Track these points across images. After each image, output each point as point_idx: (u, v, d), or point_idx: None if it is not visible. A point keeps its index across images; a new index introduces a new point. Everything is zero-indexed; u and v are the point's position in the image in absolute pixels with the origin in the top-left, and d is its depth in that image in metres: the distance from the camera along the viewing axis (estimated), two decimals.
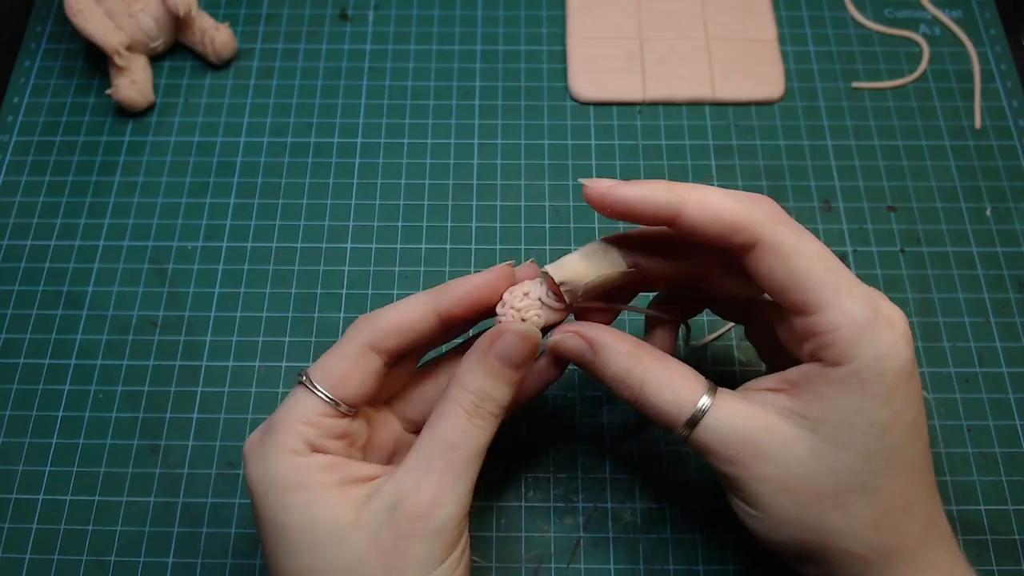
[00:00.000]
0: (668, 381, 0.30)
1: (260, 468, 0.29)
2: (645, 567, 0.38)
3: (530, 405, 0.36)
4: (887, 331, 0.27)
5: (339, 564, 0.28)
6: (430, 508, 0.28)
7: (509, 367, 0.30)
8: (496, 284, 0.32)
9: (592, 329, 0.31)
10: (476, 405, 0.30)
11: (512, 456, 0.41)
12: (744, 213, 0.28)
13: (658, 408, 0.30)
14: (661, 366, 0.30)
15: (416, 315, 0.31)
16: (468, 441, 0.29)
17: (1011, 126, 0.50)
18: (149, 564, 0.38)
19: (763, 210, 0.29)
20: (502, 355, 0.30)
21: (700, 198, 0.29)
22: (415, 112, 0.50)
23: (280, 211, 0.47)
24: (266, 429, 0.30)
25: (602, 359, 0.31)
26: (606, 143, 0.49)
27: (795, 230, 0.28)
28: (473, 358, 0.30)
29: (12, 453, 0.41)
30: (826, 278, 0.28)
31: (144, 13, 0.49)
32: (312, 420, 0.30)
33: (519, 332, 0.30)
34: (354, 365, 0.30)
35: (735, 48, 0.52)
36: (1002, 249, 0.46)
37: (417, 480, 0.28)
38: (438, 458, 0.29)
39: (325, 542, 0.28)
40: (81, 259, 0.46)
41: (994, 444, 0.41)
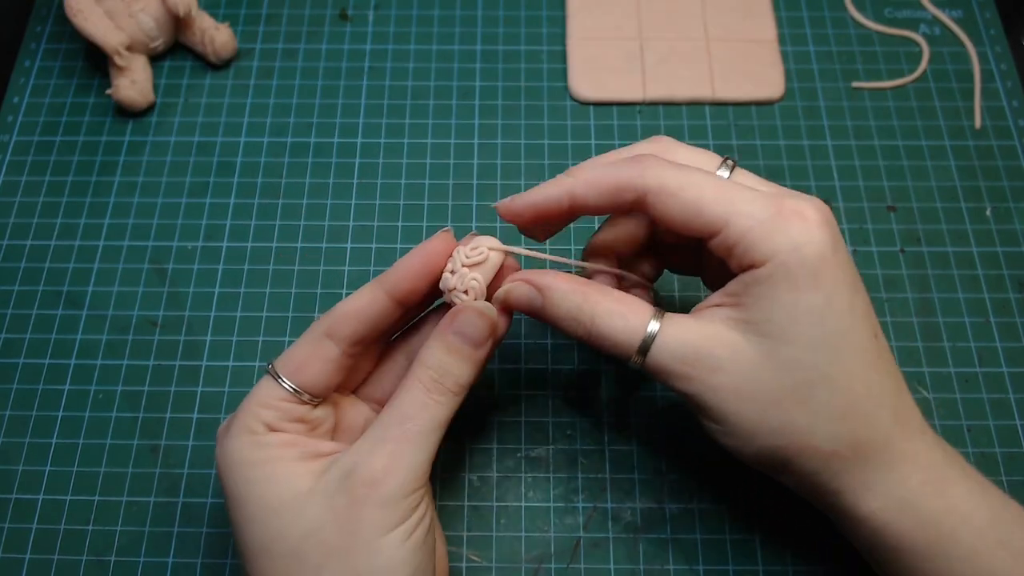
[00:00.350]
0: (617, 309, 0.31)
1: (224, 451, 0.31)
2: (645, 567, 0.38)
3: (531, 407, 0.36)
4: (797, 221, 0.29)
5: (297, 531, 0.29)
6: (382, 475, 0.29)
7: (468, 343, 0.31)
8: (437, 250, 0.33)
9: (538, 274, 0.32)
10: (435, 380, 0.31)
11: (512, 456, 0.41)
12: (624, 175, 0.31)
13: (611, 338, 0.31)
14: (609, 298, 0.31)
15: (367, 299, 0.32)
16: (424, 414, 0.30)
17: (1011, 126, 0.50)
18: (149, 564, 0.38)
19: (641, 163, 0.31)
20: (460, 331, 0.31)
21: (583, 183, 0.31)
22: (415, 112, 0.50)
23: (280, 211, 0.47)
24: (232, 416, 0.32)
25: (552, 301, 0.32)
26: (606, 143, 0.49)
27: (678, 169, 0.30)
28: (434, 336, 0.32)
29: (12, 453, 0.41)
30: (718, 196, 0.29)
31: (144, 13, 0.49)
32: (271, 404, 0.31)
33: (475, 308, 0.32)
34: (311, 353, 0.32)
35: (735, 48, 0.52)
36: (1002, 249, 0.46)
37: (371, 449, 0.30)
38: (393, 428, 0.30)
39: (283, 511, 0.29)
40: (81, 259, 0.46)
41: (994, 444, 0.41)
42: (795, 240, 0.28)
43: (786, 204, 0.29)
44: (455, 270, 0.32)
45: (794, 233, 0.28)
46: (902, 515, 0.30)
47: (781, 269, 0.28)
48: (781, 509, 0.39)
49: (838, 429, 0.29)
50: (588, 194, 0.31)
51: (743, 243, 0.29)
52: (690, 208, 0.30)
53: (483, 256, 0.32)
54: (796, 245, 0.28)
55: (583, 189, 0.31)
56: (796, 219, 0.29)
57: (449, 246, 0.33)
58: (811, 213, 0.29)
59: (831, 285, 0.29)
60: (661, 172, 0.30)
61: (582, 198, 0.32)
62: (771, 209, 0.29)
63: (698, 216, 0.30)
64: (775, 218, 0.29)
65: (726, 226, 0.29)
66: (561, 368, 0.43)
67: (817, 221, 0.29)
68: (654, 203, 0.30)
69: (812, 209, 0.29)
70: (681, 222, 0.30)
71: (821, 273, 0.28)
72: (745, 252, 0.29)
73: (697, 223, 0.30)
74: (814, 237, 0.28)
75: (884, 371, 0.30)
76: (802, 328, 0.28)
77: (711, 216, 0.29)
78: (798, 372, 0.29)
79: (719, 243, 0.30)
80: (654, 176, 0.30)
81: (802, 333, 0.28)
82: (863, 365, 0.29)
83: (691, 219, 0.30)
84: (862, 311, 0.30)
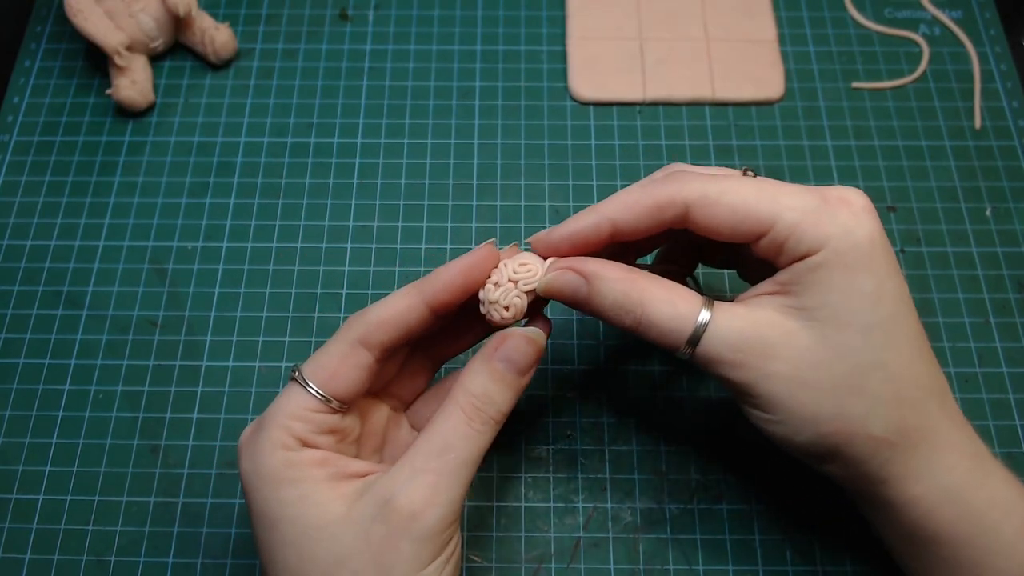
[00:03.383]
0: (667, 297, 0.30)
1: (252, 463, 0.29)
2: (645, 567, 0.38)
3: (531, 407, 0.36)
4: (844, 208, 0.29)
5: (330, 557, 0.28)
6: (422, 508, 0.28)
7: (513, 371, 0.30)
8: (481, 265, 0.32)
9: (583, 262, 0.32)
10: (477, 408, 0.30)
11: (512, 456, 0.41)
12: (661, 193, 0.30)
13: (661, 326, 0.30)
14: (657, 285, 0.31)
15: (404, 306, 0.31)
16: (465, 445, 0.29)
17: (1011, 126, 0.50)
18: (149, 564, 0.38)
19: (674, 179, 0.31)
20: (507, 359, 0.30)
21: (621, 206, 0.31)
22: (415, 112, 0.50)
23: (280, 211, 0.47)
24: (258, 424, 0.30)
25: (598, 289, 0.31)
26: (606, 143, 0.49)
27: (714, 178, 0.30)
28: (478, 361, 0.31)
29: (12, 453, 0.41)
30: (761, 197, 0.29)
31: (144, 13, 0.49)
32: (302, 415, 0.30)
33: (525, 335, 0.31)
34: (344, 361, 0.30)
35: (735, 48, 0.52)
36: (1002, 249, 0.46)
37: (411, 479, 0.29)
38: (434, 460, 0.29)
39: (316, 536, 0.28)
40: (81, 259, 0.46)
41: (994, 444, 0.41)
42: (846, 225, 0.28)
43: (830, 193, 0.29)
44: (499, 283, 0.32)
45: (843, 219, 0.29)
46: (946, 504, 0.29)
47: (834, 255, 0.28)
48: (781, 509, 0.39)
49: (890, 415, 0.29)
50: (627, 217, 0.31)
51: (794, 236, 0.29)
52: (736, 212, 0.29)
53: (532, 275, 0.32)
54: (846, 229, 0.28)
55: (622, 213, 0.31)
56: (843, 206, 0.29)
57: (493, 259, 0.32)
58: (855, 199, 0.29)
59: (883, 269, 0.29)
60: (699, 183, 0.30)
61: (622, 222, 0.31)
62: (816, 199, 0.29)
63: (745, 219, 0.29)
64: (822, 207, 0.29)
65: (775, 224, 0.29)
66: (561, 368, 0.43)
67: (862, 206, 0.29)
68: (698, 214, 0.30)
69: (855, 195, 0.30)
70: (729, 228, 0.30)
71: (873, 257, 0.29)
72: (798, 244, 0.29)
73: (745, 226, 0.29)
74: (863, 222, 0.29)
75: (930, 359, 0.30)
76: (857, 313, 0.28)
77: (758, 216, 0.29)
78: (853, 357, 0.29)
79: (768, 242, 0.29)
80: (693, 188, 0.30)
81: (857, 318, 0.28)
82: (913, 352, 0.29)
83: (739, 223, 0.29)
84: (908, 298, 0.30)
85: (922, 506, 0.30)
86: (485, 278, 0.32)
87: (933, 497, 0.29)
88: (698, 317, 0.30)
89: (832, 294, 0.28)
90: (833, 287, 0.28)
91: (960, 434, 0.30)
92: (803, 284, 0.29)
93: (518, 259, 0.32)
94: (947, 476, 0.29)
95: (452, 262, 0.31)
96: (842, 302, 0.28)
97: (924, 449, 0.29)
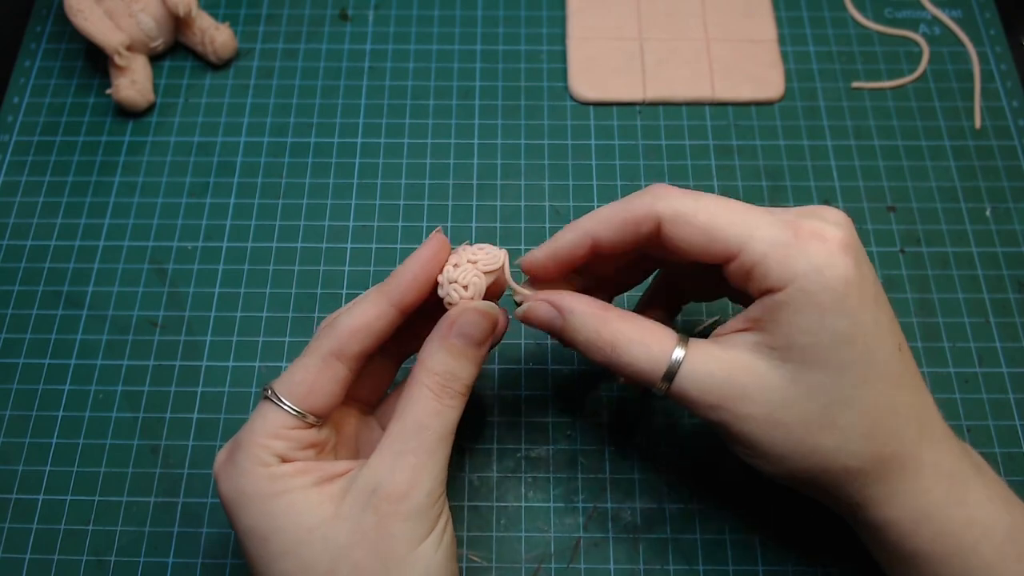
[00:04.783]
0: (639, 338, 0.30)
1: (233, 485, 0.29)
2: (645, 567, 0.38)
3: (531, 407, 0.36)
4: (816, 243, 0.28)
5: (327, 558, 0.28)
6: (408, 489, 0.29)
7: (471, 345, 0.31)
8: (437, 255, 0.32)
9: (559, 296, 0.32)
10: (443, 385, 0.30)
11: (512, 456, 0.41)
12: (636, 206, 0.30)
13: (633, 367, 0.30)
14: (630, 325, 0.31)
15: (373, 314, 0.31)
16: (438, 421, 0.30)
17: (1011, 126, 0.50)
18: (149, 564, 0.38)
19: (652, 194, 0.30)
20: (463, 334, 0.31)
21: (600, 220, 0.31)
22: (415, 112, 0.50)
23: (280, 211, 0.47)
24: (233, 447, 0.30)
25: (571, 324, 0.31)
26: (606, 143, 0.49)
27: (690, 194, 0.30)
28: (435, 341, 0.31)
29: (12, 453, 0.41)
30: (732, 219, 0.29)
31: (144, 13, 0.49)
32: (280, 434, 0.30)
33: (478, 309, 0.31)
34: (318, 376, 0.30)
35: (735, 48, 0.52)
36: (1002, 249, 0.46)
37: (392, 463, 0.29)
38: (411, 440, 0.29)
39: (310, 540, 0.28)
40: (81, 259, 0.46)
41: (994, 444, 0.41)
42: (815, 264, 0.27)
43: (804, 226, 0.28)
44: (458, 264, 0.32)
45: (814, 257, 0.28)
46: (922, 526, 0.30)
47: (801, 294, 0.28)
48: (781, 509, 0.39)
49: (864, 448, 0.29)
50: (606, 232, 0.31)
51: (760, 268, 0.28)
52: (705, 233, 0.29)
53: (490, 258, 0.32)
54: (816, 268, 0.27)
55: (601, 228, 0.31)
56: (815, 241, 0.28)
57: (446, 247, 0.33)
58: (831, 233, 0.28)
59: (856, 307, 0.28)
60: (674, 199, 0.30)
61: (601, 236, 0.31)
62: (788, 232, 0.28)
63: (713, 241, 0.29)
64: (793, 241, 0.28)
65: (742, 251, 0.28)
66: (561, 368, 0.43)
67: (838, 241, 0.28)
68: (670, 231, 0.30)
69: (832, 228, 0.28)
70: (698, 248, 0.29)
71: (845, 297, 0.28)
72: (764, 277, 0.28)
73: (713, 248, 0.29)
74: (835, 260, 0.28)
75: (909, 386, 0.30)
76: (827, 353, 0.28)
77: (727, 240, 0.29)
78: (824, 396, 0.28)
79: (736, 268, 0.29)
80: (667, 204, 0.30)
81: (827, 358, 0.28)
82: (888, 383, 0.29)
83: (707, 245, 0.29)
84: (887, 326, 0.29)
85: (899, 528, 0.30)
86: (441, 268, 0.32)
87: (909, 519, 0.30)
88: (671, 357, 0.30)
89: (801, 335, 0.28)
90: (802, 328, 0.28)
91: (940, 455, 0.30)
92: (772, 322, 0.29)
93: (476, 246, 0.33)
94: (923, 498, 0.30)
95: (408, 259, 0.32)
96: (812, 343, 0.28)
97: (899, 474, 0.29)
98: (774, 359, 0.29)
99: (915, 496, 0.29)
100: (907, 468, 0.29)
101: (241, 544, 0.30)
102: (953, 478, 0.30)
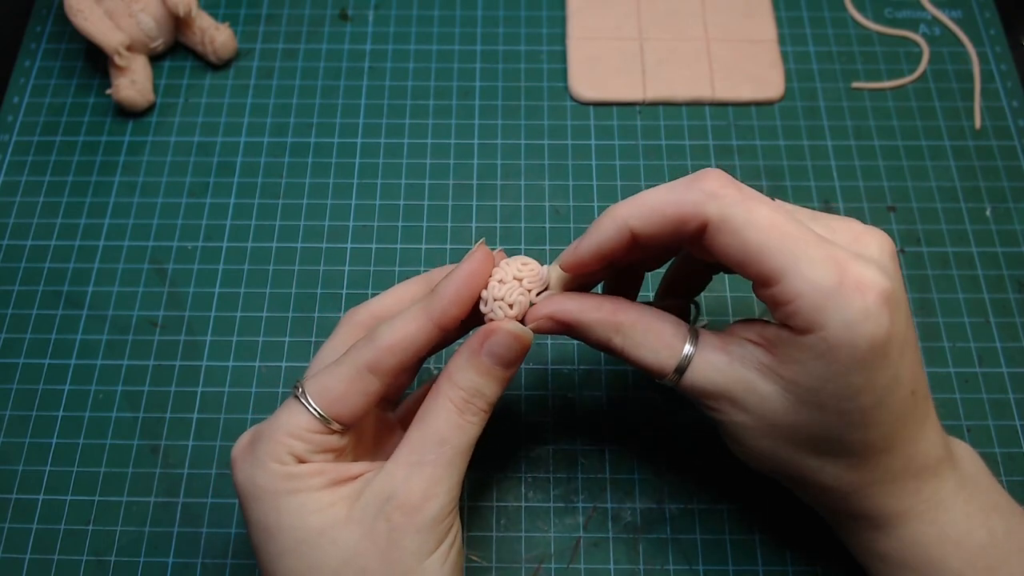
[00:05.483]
0: (648, 340, 0.31)
1: (248, 475, 0.29)
2: (645, 567, 0.38)
3: (531, 407, 0.36)
4: (857, 296, 0.26)
5: (334, 561, 0.28)
6: (423, 501, 0.28)
7: (499, 365, 0.30)
8: (482, 269, 0.31)
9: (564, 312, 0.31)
10: (466, 401, 0.30)
11: (512, 456, 0.41)
12: (685, 203, 0.28)
13: (644, 364, 0.31)
14: (640, 327, 0.31)
15: (413, 329, 0.30)
16: (458, 436, 0.30)
17: (1011, 126, 0.50)
18: (149, 564, 0.38)
19: (703, 190, 0.28)
20: (494, 354, 0.30)
21: (644, 212, 0.29)
22: (415, 112, 0.50)
23: (280, 211, 0.47)
24: (255, 436, 0.30)
25: (581, 333, 0.31)
26: (606, 143, 0.49)
27: (743, 200, 0.28)
28: (464, 355, 0.30)
29: (12, 453, 0.41)
30: (782, 246, 0.27)
31: (144, 13, 0.49)
32: (301, 435, 0.29)
33: (512, 331, 0.30)
34: (351, 386, 0.30)
35: (735, 48, 0.52)
36: (1002, 249, 0.46)
37: (409, 474, 0.29)
38: (429, 452, 0.29)
39: (318, 541, 0.28)
40: (81, 259, 0.46)
41: (994, 444, 0.41)
42: (847, 319, 0.26)
43: (851, 272, 0.26)
44: (504, 280, 0.31)
45: (850, 312, 0.26)
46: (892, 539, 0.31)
47: (825, 344, 0.27)
48: (781, 509, 0.39)
49: (846, 477, 0.30)
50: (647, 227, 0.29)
51: (793, 306, 0.27)
52: (749, 252, 0.27)
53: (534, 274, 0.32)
54: (849, 323, 0.26)
55: (642, 223, 0.29)
56: (857, 295, 0.26)
57: (491, 260, 0.32)
58: (873, 287, 0.26)
59: (875, 367, 0.27)
60: (727, 204, 0.28)
61: (641, 232, 0.29)
62: (834, 276, 0.26)
63: (756, 264, 0.27)
64: (835, 289, 0.26)
65: (781, 282, 0.27)
66: (561, 368, 0.43)
67: (877, 296, 0.26)
68: (712, 236, 0.28)
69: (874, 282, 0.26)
70: (736, 262, 0.28)
71: (867, 358, 0.27)
72: (793, 315, 0.27)
73: (753, 270, 0.28)
74: (871, 317, 0.26)
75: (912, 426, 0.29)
76: (833, 400, 0.28)
77: (770, 268, 0.27)
78: (817, 430, 0.29)
79: (768, 295, 0.28)
80: (718, 208, 0.28)
81: (832, 404, 0.28)
82: (891, 427, 0.29)
83: (747, 262, 0.28)
84: (908, 374, 0.28)
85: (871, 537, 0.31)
86: (487, 281, 0.31)
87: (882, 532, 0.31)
88: (681, 354, 0.30)
89: (811, 380, 0.27)
90: (814, 374, 0.27)
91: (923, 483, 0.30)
92: (787, 355, 0.28)
93: (518, 259, 0.32)
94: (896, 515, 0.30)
95: (453, 274, 0.31)
96: (820, 389, 0.27)
97: (875, 493, 0.30)
98: (778, 385, 0.29)
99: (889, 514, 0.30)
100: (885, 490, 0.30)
101: (250, 535, 0.30)
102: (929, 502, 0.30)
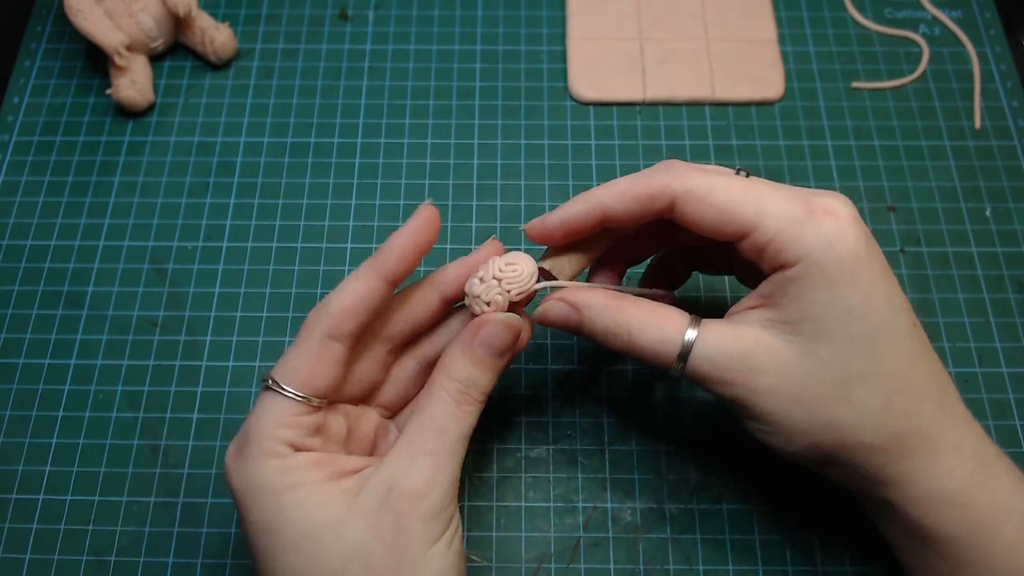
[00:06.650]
0: (653, 321, 0.31)
1: (244, 478, 0.29)
2: (645, 567, 0.38)
3: (531, 407, 0.36)
4: (829, 219, 0.29)
5: (339, 555, 0.28)
6: (426, 489, 0.29)
7: (492, 355, 0.31)
8: (428, 228, 0.32)
9: (573, 292, 0.33)
10: (462, 391, 0.31)
11: (512, 456, 0.41)
12: (651, 182, 0.31)
13: (650, 350, 0.31)
14: (644, 311, 0.32)
15: (363, 289, 0.31)
16: (456, 425, 0.30)
17: (1011, 126, 0.50)
18: (149, 564, 0.38)
19: (667, 170, 0.31)
20: (486, 343, 0.31)
21: (614, 192, 0.32)
22: (415, 112, 0.50)
23: (280, 211, 0.47)
24: (242, 441, 0.30)
25: (588, 318, 0.32)
26: (606, 143, 0.49)
27: (703, 172, 0.31)
28: (458, 348, 0.31)
29: (12, 453, 0.41)
30: (746, 198, 0.30)
31: (144, 13, 0.49)
32: (287, 421, 0.30)
33: (502, 321, 0.32)
34: (317, 359, 0.30)
35: (735, 48, 0.52)
36: (1002, 249, 0.46)
37: (410, 463, 0.29)
38: (430, 441, 0.30)
39: (322, 536, 0.28)
40: (81, 259, 0.46)
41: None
42: (828, 239, 0.28)
43: (816, 202, 0.29)
44: (484, 279, 0.32)
45: (827, 232, 0.28)
46: (945, 506, 0.30)
47: (815, 268, 0.28)
48: (781, 509, 0.39)
49: (881, 423, 0.29)
50: (618, 205, 0.32)
51: (775, 244, 0.29)
52: (720, 211, 0.30)
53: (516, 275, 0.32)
54: (830, 244, 0.28)
55: (614, 200, 0.32)
56: (828, 217, 0.29)
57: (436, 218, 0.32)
58: (842, 210, 0.29)
59: (868, 281, 0.29)
60: (689, 177, 0.31)
61: (613, 209, 0.32)
62: (801, 208, 0.29)
63: (728, 219, 0.30)
64: (806, 217, 0.29)
65: (756, 228, 0.29)
66: (561, 368, 0.43)
67: (848, 218, 0.29)
68: (683, 208, 0.31)
69: (843, 207, 0.29)
70: (711, 226, 0.30)
71: (857, 271, 0.28)
72: (777, 252, 0.29)
73: (728, 227, 0.30)
74: (847, 235, 0.28)
75: (925, 362, 0.30)
76: (839, 326, 0.28)
77: (741, 218, 0.29)
78: (837, 370, 0.29)
79: (749, 245, 0.30)
80: (682, 181, 0.30)
81: (840, 331, 0.28)
82: (903, 358, 0.29)
83: (722, 222, 0.30)
84: (899, 303, 0.30)
85: (921, 508, 0.30)
86: (433, 239, 0.32)
87: (932, 499, 0.30)
88: (684, 337, 0.31)
89: (813, 308, 0.29)
90: (814, 301, 0.29)
91: (962, 436, 0.30)
92: (785, 297, 0.29)
93: (507, 258, 0.33)
94: (946, 479, 0.29)
95: (397, 232, 0.32)
96: (824, 316, 0.28)
97: (921, 453, 0.29)
98: (786, 333, 0.29)
99: (939, 477, 0.29)
100: (928, 447, 0.29)
101: (248, 539, 0.29)
102: (977, 459, 0.30)
